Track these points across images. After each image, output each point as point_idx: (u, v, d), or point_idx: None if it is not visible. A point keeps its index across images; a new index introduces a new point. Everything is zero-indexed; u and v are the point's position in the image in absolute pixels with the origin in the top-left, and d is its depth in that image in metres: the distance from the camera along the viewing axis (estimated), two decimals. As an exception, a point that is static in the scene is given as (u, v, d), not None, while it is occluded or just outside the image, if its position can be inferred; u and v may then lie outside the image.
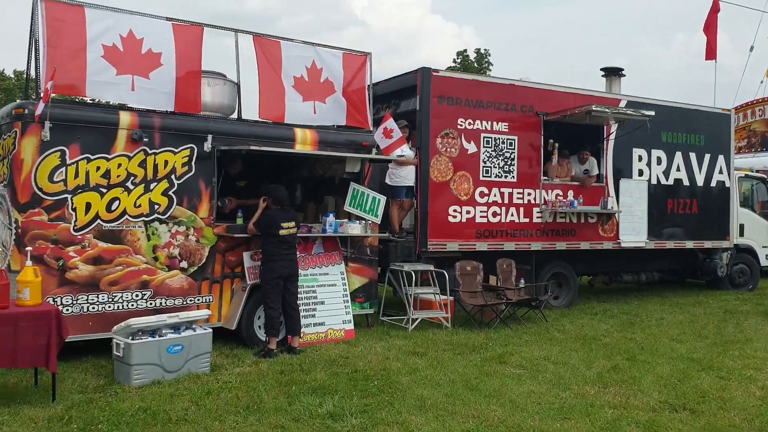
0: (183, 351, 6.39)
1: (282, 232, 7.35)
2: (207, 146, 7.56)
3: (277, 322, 7.37)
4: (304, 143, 8.30)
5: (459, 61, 36.61)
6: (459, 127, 10.04)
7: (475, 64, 35.94)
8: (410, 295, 8.97)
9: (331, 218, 8.31)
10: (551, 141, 10.89)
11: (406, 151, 9.85)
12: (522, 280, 9.93)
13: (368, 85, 9.04)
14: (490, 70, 36.27)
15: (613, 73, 13.07)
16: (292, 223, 7.47)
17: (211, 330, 6.73)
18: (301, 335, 7.72)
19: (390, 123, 8.49)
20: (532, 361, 7.23)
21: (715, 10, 18.99)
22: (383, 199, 8.95)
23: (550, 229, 10.87)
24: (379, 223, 8.95)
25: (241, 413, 5.34)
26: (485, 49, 37.97)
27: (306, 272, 8.15)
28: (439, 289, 9.24)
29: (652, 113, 10.77)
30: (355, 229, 8.41)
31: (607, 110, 10.29)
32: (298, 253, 8.09)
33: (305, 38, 9.55)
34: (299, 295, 7.96)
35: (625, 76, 13.15)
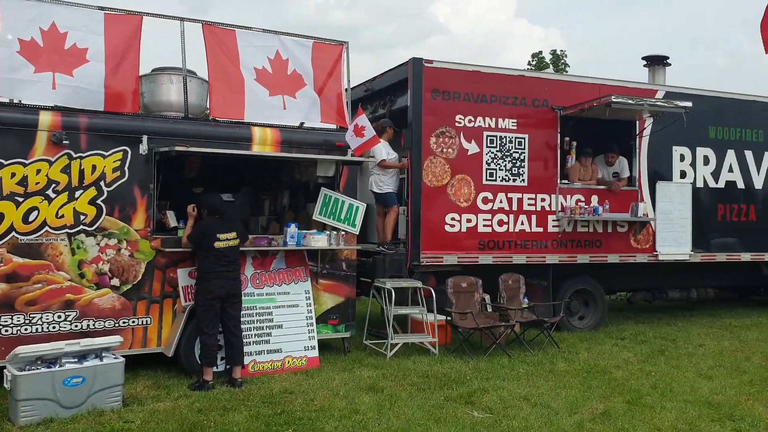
0: (84, 384, 5.54)
1: (218, 244, 6.41)
2: (143, 149, 6.73)
3: (213, 350, 6.42)
4: (263, 144, 7.37)
5: (534, 63, 35.11)
6: (457, 124, 8.85)
7: (552, 67, 34.13)
8: (391, 315, 7.85)
9: (293, 229, 7.31)
10: (567, 139, 9.51)
11: (391, 153, 8.79)
12: (525, 299, 8.61)
13: (346, 78, 8.02)
14: (566, 72, 34.58)
15: (656, 62, 11.50)
16: (233, 234, 6.52)
17: (122, 359, 5.86)
18: (251, 365, 6.76)
19: (362, 120, 7.43)
20: (508, 401, 5.97)
21: None
22: (362, 206, 7.89)
23: (570, 239, 9.48)
24: (356, 233, 7.89)
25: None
26: (561, 50, 36.27)
27: (261, 291, 7.19)
28: (432, 309, 8.09)
29: (689, 104, 9.20)
30: (320, 241, 7.38)
31: (630, 101, 8.83)
32: (255, 269, 7.18)
33: (390, 49, 8.71)
34: (252, 318, 7.03)
35: (670, 65, 11.56)
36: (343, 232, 7.73)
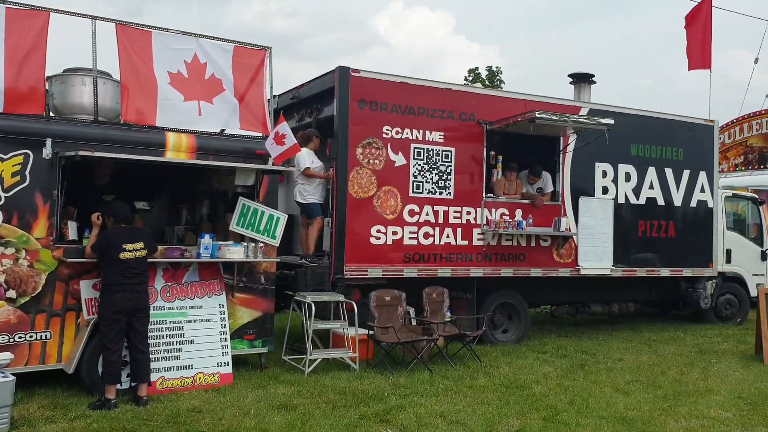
0: (-35, 405, 5.11)
1: (124, 255, 6.07)
2: (46, 153, 6.33)
3: (116, 367, 6.06)
4: (177, 150, 7.05)
5: (471, 79, 35.62)
6: (384, 135, 8.74)
7: (486, 82, 34.71)
8: (310, 330, 7.63)
9: (206, 240, 7.02)
10: (492, 153, 9.54)
11: (316, 162, 8.61)
12: (448, 312, 8.54)
13: (268, 84, 7.80)
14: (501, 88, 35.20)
15: (582, 80, 11.71)
16: (140, 245, 6.19)
17: (12, 378, 5.44)
18: (159, 382, 6.43)
19: (282, 127, 7.21)
20: (423, 419, 5.85)
21: (697, 14, 17.49)
22: (283, 217, 7.65)
23: (494, 253, 9.49)
24: (276, 245, 7.64)
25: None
26: (497, 67, 37.04)
27: (172, 305, 6.86)
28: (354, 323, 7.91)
29: (611, 121, 9.37)
30: (235, 253, 7.11)
31: (554, 117, 8.93)
32: (166, 282, 6.85)
33: (332, 58, 8.45)
34: (162, 333, 6.69)
35: (595, 83, 11.79)
36: (261, 244, 7.48)
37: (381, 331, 7.89)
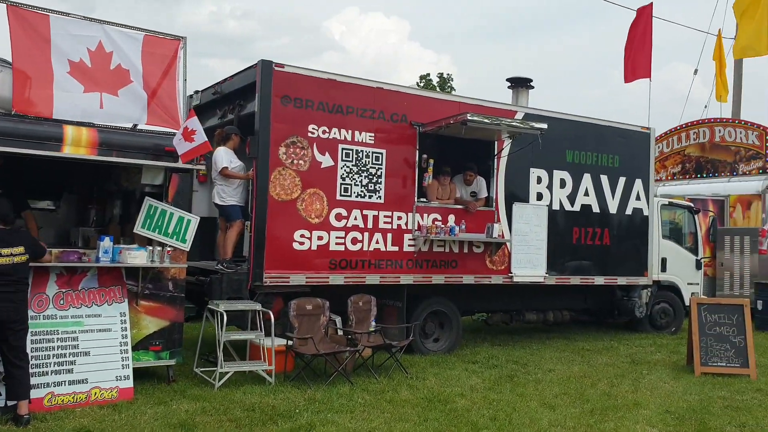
0: None
1: (-1, 260, 5.46)
2: None
3: (-11, 384, 5.46)
4: (76, 145, 6.46)
5: (422, 84, 35.58)
6: (310, 135, 8.31)
7: (437, 89, 34.63)
8: (221, 341, 7.12)
9: (106, 242, 6.45)
10: (424, 156, 9.21)
11: (235, 161, 8.13)
12: (374, 322, 8.15)
13: (182, 77, 7.28)
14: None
15: (520, 84, 11.50)
16: (19, 249, 5.59)
17: None
18: (46, 398, 5.83)
19: (192, 123, 6.71)
20: (333, 439, 5.43)
21: (636, 25, 17.67)
22: (194, 219, 7.13)
23: (425, 259, 9.15)
24: (186, 249, 7.11)
25: None
26: (448, 74, 37.20)
27: (65, 313, 6.27)
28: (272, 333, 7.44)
29: (544, 126, 9.15)
30: (138, 257, 6.56)
31: (486, 120, 8.65)
32: (59, 288, 6.25)
33: (284, 62, 7.94)
34: (53, 344, 6.11)
35: (533, 87, 11.61)
36: (169, 248, 6.95)
37: (299, 342, 7.43)
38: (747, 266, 14.33)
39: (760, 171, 14.73)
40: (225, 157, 7.99)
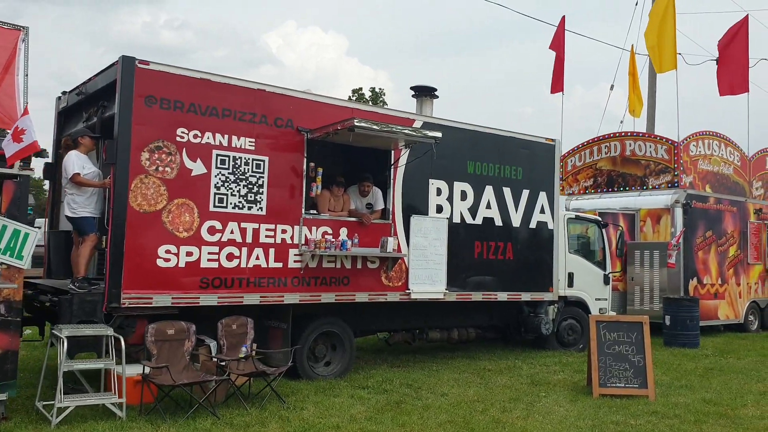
0: None
1: None
2: None
3: None
4: None
5: (354, 98, 35.25)
6: (179, 139, 7.52)
7: (370, 103, 34.32)
8: (61, 372, 6.22)
9: None
10: (312, 165, 8.55)
11: (88, 167, 7.26)
12: (244, 347, 7.39)
13: (23, 72, 6.41)
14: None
15: (424, 93, 11.00)
16: None
17: None
18: None
19: (23, 122, 5.87)
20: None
21: (556, 42, 17.98)
22: (33, 233, 6.23)
23: (314, 276, 8.46)
24: (23, 266, 6.20)
25: None
26: (380, 88, 37.23)
27: None
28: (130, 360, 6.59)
29: (439, 134, 8.65)
30: (-48, 276, 5.63)
31: (375, 127, 8.07)
32: None
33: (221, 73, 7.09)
34: None
35: (437, 97, 11.14)
36: (3, 266, 6.03)
37: (155, 372, 6.59)
38: (656, 281, 14.26)
39: (670, 185, 14.74)
40: (77, 162, 7.14)
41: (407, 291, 9.29)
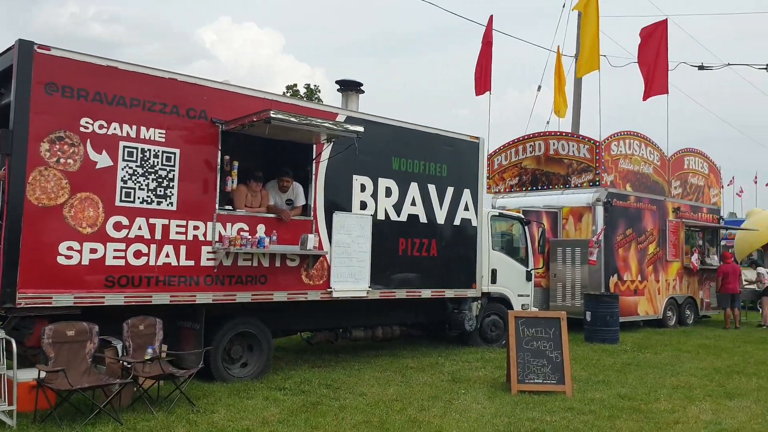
0: None
1: None
2: None
3: None
4: None
5: (289, 95, 34.70)
6: (83, 129, 7.10)
7: (305, 99, 33.87)
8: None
9: None
10: (227, 158, 8.24)
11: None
12: (150, 349, 7.03)
13: None
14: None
15: (349, 88, 10.83)
16: None
17: None
18: None
19: None
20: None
21: (487, 43, 18.22)
22: None
23: (228, 275, 8.15)
24: None
25: None
26: (315, 85, 36.90)
27: None
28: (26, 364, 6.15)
29: (360, 129, 8.50)
30: None
31: (293, 119, 7.83)
32: None
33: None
34: None
35: (363, 92, 10.98)
36: None
37: (51, 376, 6.18)
38: (578, 277, 14.54)
39: (591, 184, 15.03)
40: (-35, 152, 6.62)
41: (329, 289, 9.10)
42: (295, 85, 38.24)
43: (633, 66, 18.81)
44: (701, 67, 20.91)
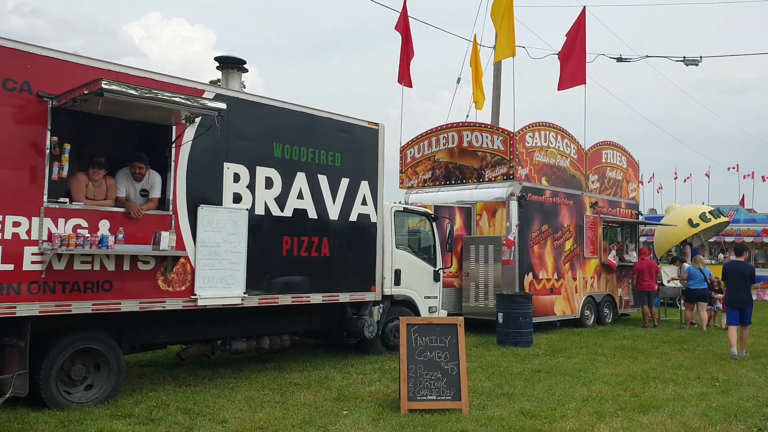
0: None
1: None
2: None
3: None
4: None
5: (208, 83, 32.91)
6: None
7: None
8: None
9: None
10: (54, 139, 6.80)
11: None
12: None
13: None
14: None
15: (230, 65, 9.54)
16: None
17: None
18: None
19: None
20: None
21: (406, 36, 17.39)
22: None
23: (61, 281, 6.74)
24: None
25: None
26: (242, 82, 35.29)
27: None
28: None
29: (222, 106, 7.22)
30: None
31: (132, 92, 6.48)
32: None
33: None
34: None
35: (246, 71, 9.77)
36: None
37: None
38: (492, 276, 13.67)
39: (505, 177, 14.18)
40: None
41: (193, 296, 7.78)
42: (218, 79, 36.44)
43: (551, 58, 18.20)
44: (620, 59, 20.54)
